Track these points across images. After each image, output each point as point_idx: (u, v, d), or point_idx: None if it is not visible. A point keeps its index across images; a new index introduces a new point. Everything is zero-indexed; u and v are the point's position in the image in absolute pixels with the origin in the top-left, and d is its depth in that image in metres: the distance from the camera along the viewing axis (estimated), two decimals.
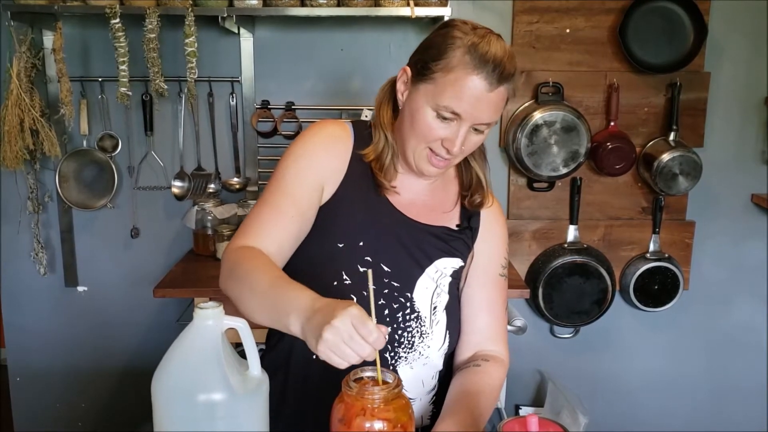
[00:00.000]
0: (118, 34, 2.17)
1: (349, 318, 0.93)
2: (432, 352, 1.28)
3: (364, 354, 0.93)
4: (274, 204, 1.22)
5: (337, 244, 1.23)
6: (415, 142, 1.22)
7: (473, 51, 1.14)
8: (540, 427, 0.96)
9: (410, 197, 1.31)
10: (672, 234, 2.65)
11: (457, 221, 1.34)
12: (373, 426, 0.94)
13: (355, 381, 0.98)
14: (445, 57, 1.16)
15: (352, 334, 0.93)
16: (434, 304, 1.28)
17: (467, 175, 1.36)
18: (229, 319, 0.93)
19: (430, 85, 1.18)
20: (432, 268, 1.28)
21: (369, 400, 0.94)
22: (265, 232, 1.19)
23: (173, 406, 0.90)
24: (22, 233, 2.56)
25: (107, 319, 2.65)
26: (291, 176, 1.24)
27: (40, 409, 2.70)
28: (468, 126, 1.18)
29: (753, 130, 2.62)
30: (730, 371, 2.81)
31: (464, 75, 1.14)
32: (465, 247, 1.34)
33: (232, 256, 1.17)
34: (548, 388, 2.64)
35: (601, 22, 2.49)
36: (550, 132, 2.44)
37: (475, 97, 1.15)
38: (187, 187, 2.49)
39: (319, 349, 0.94)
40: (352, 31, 2.49)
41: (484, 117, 1.18)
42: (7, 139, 2.28)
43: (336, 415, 0.97)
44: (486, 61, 1.13)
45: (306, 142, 1.27)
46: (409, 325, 1.25)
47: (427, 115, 1.19)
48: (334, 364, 0.94)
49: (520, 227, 2.62)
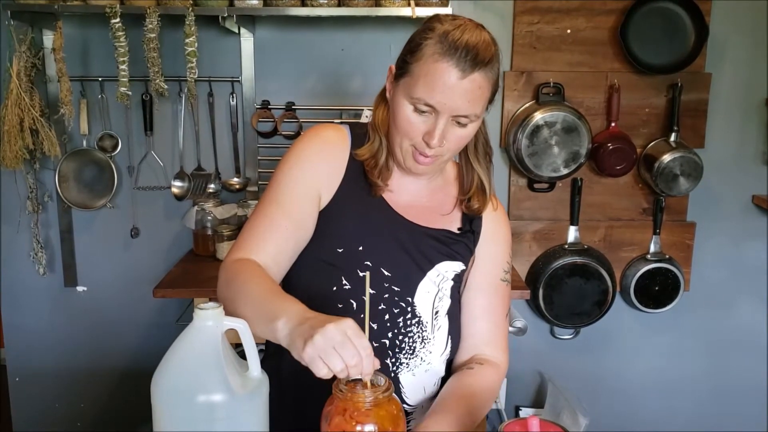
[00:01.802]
0: (119, 34, 2.17)
1: (345, 327, 0.92)
2: (434, 358, 1.27)
3: (352, 363, 0.91)
4: (268, 216, 1.22)
5: (337, 249, 1.22)
6: (399, 139, 1.21)
7: (444, 39, 1.12)
8: (541, 429, 0.95)
9: (408, 199, 1.29)
10: (673, 235, 2.65)
11: (459, 224, 1.32)
12: (363, 429, 0.93)
13: (347, 384, 0.97)
14: (419, 49, 1.15)
15: (345, 342, 0.91)
16: (436, 308, 1.27)
17: (468, 178, 1.32)
18: (229, 320, 0.92)
19: (407, 79, 1.17)
20: (434, 271, 1.27)
21: (359, 403, 0.94)
22: (261, 245, 1.19)
23: (173, 407, 0.90)
24: (21, 233, 2.55)
25: (107, 319, 2.64)
26: (285, 186, 1.23)
27: (39, 409, 2.70)
28: (446, 118, 1.15)
29: (754, 131, 2.62)
30: (730, 372, 2.80)
31: (434, 62, 1.12)
32: (467, 250, 1.32)
33: (228, 270, 1.17)
34: (548, 389, 2.64)
35: (602, 23, 2.49)
36: (550, 132, 2.44)
37: (447, 85, 1.12)
38: (187, 187, 2.49)
39: (306, 351, 0.92)
40: (352, 31, 2.49)
41: (460, 108, 1.14)
42: (6, 139, 2.28)
43: (325, 416, 0.97)
44: (457, 48, 1.11)
45: (300, 150, 1.26)
46: (410, 330, 1.24)
47: (405, 110, 1.17)
48: (315, 370, 0.92)
49: (521, 228, 2.62)
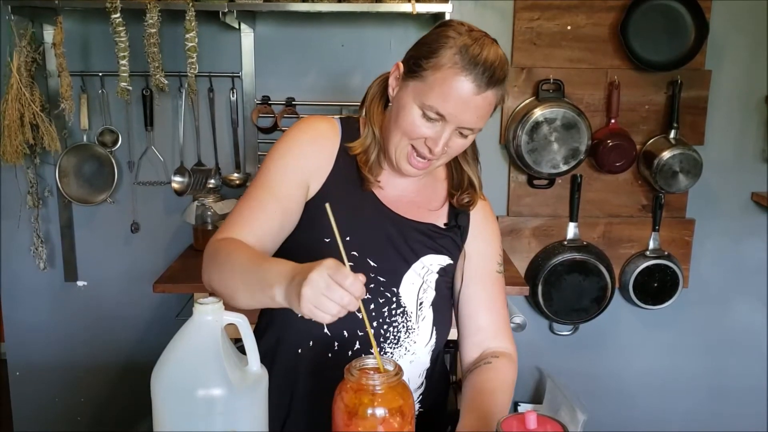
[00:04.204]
0: (119, 29, 2.17)
1: (324, 269, 0.94)
2: (418, 348, 1.28)
3: (344, 302, 0.94)
4: (256, 198, 1.23)
5: (324, 239, 1.23)
6: (398, 137, 1.22)
7: (464, 52, 1.13)
8: (538, 424, 0.96)
9: (396, 194, 1.31)
10: (672, 232, 2.65)
11: (445, 220, 1.34)
12: (374, 412, 0.95)
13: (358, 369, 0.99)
14: (436, 55, 1.15)
15: (329, 283, 0.93)
16: (420, 299, 1.28)
17: (458, 177, 1.35)
18: (228, 315, 0.93)
19: (419, 83, 1.18)
20: (418, 264, 1.29)
21: (369, 387, 0.95)
22: (246, 226, 1.20)
23: (173, 402, 0.90)
24: (21, 228, 2.56)
25: (107, 314, 2.65)
26: (274, 173, 1.25)
27: (39, 403, 2.70)
28: (452, 128, 1.18)
29: (753, 129, 2.62)
30: (728, 368, 2.81)
31: (452, 75, 1.14)
32: (453, 245, 1.33)
33: (212, 247, 1.18)
34: (547, 385, 2.64)
35: (603, 20, 2.49)
36: (550, 129, 2.44)
37: (462, 99, 1.14)
38: (187, 182, 2.49)
39: (302, 306, 0.94)
40: (353, 27, 2.49)
41: (469, 121, 1.17)
42: (7, 134, 2.28)
43: (336, 400, 0.98)
44: (476, 64, 1.13)
45: (291, 139, 1.28)
46: (395, 320, 1.26)
47: (413, 112, 1.19)
48: (318, 319, 0.95)
49: (520, 224, 2.62)
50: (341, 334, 1.22)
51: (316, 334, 1.23)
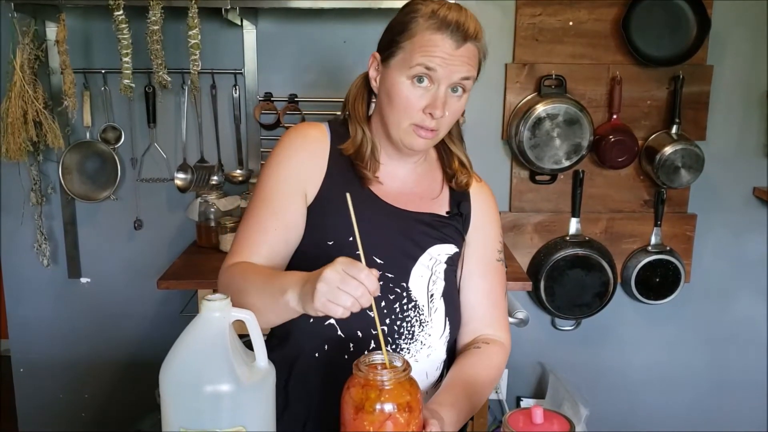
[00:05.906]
0: (122, 26, 2.17)
1: (338, 264, 0.97)
2: (433, 341, 1.28)
3: (358, 293, 0.96)
4: (257, 219, 1.26)
5: (327, 242, 1.25)
6: (397, 119, 1.23)
7: (434, 16, 1.19)
8: (545, 420, 0.96)
9: (396, 186, 1.32)
10: (674, 227, 2.65)
11: (447, 208, 1.35)
12: (382, 408, 0.95)
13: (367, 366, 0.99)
14: (409, 28, 1.20)
15: (344, 276, 0.96)
16: (431, 291, 1.29)
17: (448, 159, 1.38)
18: (236, 311, 0.93)
19: (399, 56, 1.21)
20: (425, 255, 1.29)
21: (378, 383, 0.96)
22: (254, 249, 1.23)
23: (181, 397, 0.91)
24: (25, 225, 2.56)
25: (110, 311, 2.65)
26: (271, 187, 1.27)
27: (43, 399, 2.72)
28: (446, 86, 1.20)
29: (755, 124, 2.62)
30: (730, 363, 2.82)
31: (429, 34, 1.18)
32: (457, 233, 1.34)
33: (226, 275, 1.22)
34: (549, 380, 2.65)
35: (604, 15, 2.49)
36: (552, 125, 2.44)
37: (445, 52, 1.18)
38: (190, 179, 2.50)
39: (316, 302, 0.96)
40: (355, 23, 2.49)
41: (458, 71, 1.19)
42: (10, 131, 2.28)
43: (345, 396, 0.99)
44: (447, 23, 1.17)
45: (282, 149, 1.30)
46: (407, 314, 1.26)
47: (403, 86, 1.21)
48: (332, 314, 0.97)
49: (522, 220, 2.63)
50: (355, 334, 1.22)
51: (330, 336, 1.23)
